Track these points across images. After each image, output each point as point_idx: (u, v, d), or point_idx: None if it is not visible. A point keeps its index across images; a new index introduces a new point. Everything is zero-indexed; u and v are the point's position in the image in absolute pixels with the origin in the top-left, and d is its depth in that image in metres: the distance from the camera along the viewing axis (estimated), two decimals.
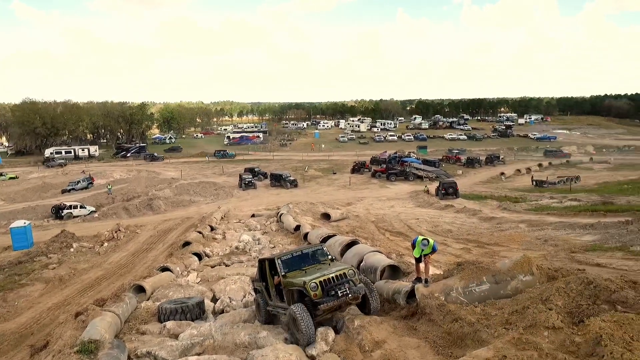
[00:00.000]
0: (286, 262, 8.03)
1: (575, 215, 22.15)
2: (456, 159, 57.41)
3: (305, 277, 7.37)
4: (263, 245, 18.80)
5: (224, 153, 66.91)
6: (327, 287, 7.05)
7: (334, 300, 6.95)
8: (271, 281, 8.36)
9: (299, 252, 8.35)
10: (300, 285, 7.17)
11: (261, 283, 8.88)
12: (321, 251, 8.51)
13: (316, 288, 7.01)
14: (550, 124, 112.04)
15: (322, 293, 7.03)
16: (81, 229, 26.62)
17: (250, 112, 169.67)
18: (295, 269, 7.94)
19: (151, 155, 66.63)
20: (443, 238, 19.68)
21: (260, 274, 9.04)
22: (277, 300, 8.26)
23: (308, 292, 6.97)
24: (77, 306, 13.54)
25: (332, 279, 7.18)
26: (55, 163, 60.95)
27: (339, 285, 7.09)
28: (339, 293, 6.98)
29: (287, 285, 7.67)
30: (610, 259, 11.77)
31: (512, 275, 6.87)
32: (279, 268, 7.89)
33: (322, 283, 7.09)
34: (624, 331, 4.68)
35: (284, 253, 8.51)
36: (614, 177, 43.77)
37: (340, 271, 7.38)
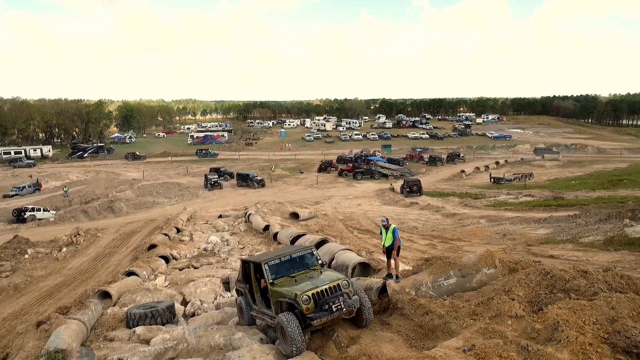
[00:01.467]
0: (274, 267, 7.49)
1: (530, 210, 23.48)
2: (419, 158, 59.11)
3: (295, 287, 6.91)
4: (232, 246, 18.63)
5: (206, 152, 65.26)
6: (320, 301, 6.60)
7: (327, 316, 6.51)
8: (256, 285, 7.85)
9: (287, 257, 7.76)
10: (291, 297, 6.70)
11: (244, 285, 8.38)
12: (310, 255, 7.99)
13: (308, 301, 6.55)
14: (506, 124, 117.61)
15: (315, 307, 6.57)
16: (36, 234, 25.24)
17: (213, 111, 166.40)
18: (283, 275, 7.42)
19: (133, 154, 63.37)
20: (409, 235, 20.28)
21: (243, 276, 8.50)
22: (262, 305, 7.74)
23: (300, 306, 6.52)
24: (37, 315, 12.89)
25: (325, 292, 6.72)
26: (23, 163, 57.11)
27: (333, 298, 6.61)
28: (333, 308, 6.52)
29: (275, 295, 7.15)
30: (562, 251, 12.63)
31: (477, 269, 7.29)
32: (266, 274, 7.38)
33: (314, 296, 6.64)
34: (577, 317, 5.12)
35: (271, 257, 7.82)
36: (563, 174, 46.66)
37: (334, 283, 6.92)
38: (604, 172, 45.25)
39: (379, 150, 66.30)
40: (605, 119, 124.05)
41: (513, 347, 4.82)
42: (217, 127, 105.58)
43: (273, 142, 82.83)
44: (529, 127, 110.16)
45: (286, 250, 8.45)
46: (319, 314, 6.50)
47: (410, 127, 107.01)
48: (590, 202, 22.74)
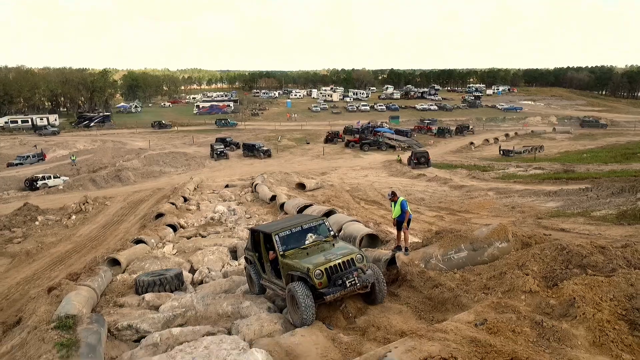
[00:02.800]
0: (284, 238, 7.24)
1: (539, 183, 23.15)
2: (427, 129, 58.23)
3: (307, 260, 6.66)
4: (239, 216, 18.69)
5: (225, 122, 64.96)
6: (334, 276, 6.38)
7: (340, 291, 6.28)
8: (266, 255, 7.70)
9: (298, 228, 7.43)
10: (303, 271, 6.49)
11: (254, 254, 8.22)
12: (323, 227, 7.65)
13: (321, 276, 6.34)
14: (516, 95, 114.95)
15: (328, 281, 6.36)
16: (45, 202, 25.50)
17: (219, 81, 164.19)
18: (294, 246, 7.19)
19: (159, 122, 63.51)
20: (416, 206, 20.16)
21: (252, 244, 8.33)
22: (272, 275, 7.58)
23: (312, 280, 6.31)
24: (48, 280, 13.15)
25: (338, 266, 6.49)
26: (48, 131, 57.85)
27: (347, 273, 6.37)
28: (346, 283, 6.27)
29: (286, 268, 6.95)
30: (573, 224, 12.45)
31: (489, 243, 7.15)
32: (277, 246, 7.15)
33: (327, 270, 6.42)
34: (594, 293, 4.99)
35: (281, 227, 7.52)
36: (575, 147, 45.82)
37: (348, 257, 6.65)
38: (617, 145, 44.34)
39: (387, 122, 65.37)
40: (621, 90, 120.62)
41: (527, 322, 4.72)
42: (223, 97, 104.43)
43: (279, 112, 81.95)
44: (540, 99, 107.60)
45: (297, 220, 8.10)
46: (332, 289, 6.28)
47: (418, 98, 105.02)
48: (602, 176, 22.31)
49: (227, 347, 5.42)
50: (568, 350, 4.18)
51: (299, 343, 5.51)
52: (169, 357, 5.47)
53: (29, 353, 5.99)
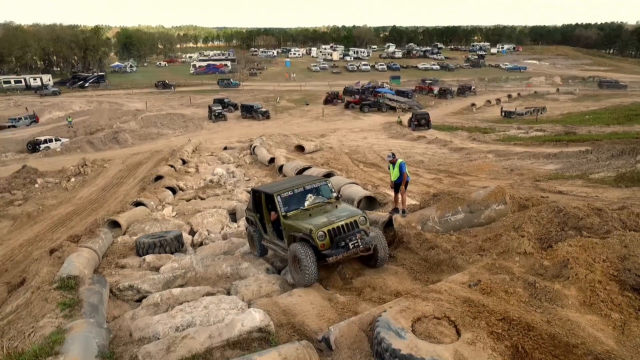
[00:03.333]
0: (286, 199, 7.13)
1: (540, 145, 22.98)
2: (429, 90, 57.16)
3: (310, 221, 6.60)
4: (238, 178, 18.70)
5: (227, 82, 63.85)
6: (336, 238, 6.34)
7: (343, 253, 6.22)
8: (267, 216, 7.57)
9: (300, 189, 7.32)
10: (306, 232, 6.42)
11: (255, 214, 8.13)
12: (325, 188, 7.55)
13: (324, 237, 6.29)
14: (521, 54, 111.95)
15: (330, 243, 6.32)
16: (44, 164, 25.41)
17: (216, 39, 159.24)
18: (296, 208, 7.12)
19: (163, 82, 62.52)
20: (415, 169, 20.11)
21: (254, 205, 8.21)
22: (274, 236, 7.56)
23: (314, 242, 6.26)
24: (50, 242, 13.32)
25: (341, 228, 6.44)
26: (48, 91, 56.77)
27: (350, 235, 6.33)
28: (349, 245, 6.23)
29: (288, 229, 6.90)
30: (571, 187, 12.46)
31: (486, 205, 7.16)
32: (279, 206, 7.05)
33: (330, 232, 6.36)
34: (587, 254, 5.03)
35: (283, 187, 7.40)
36: (578, 108, 45.14)
37: (351, 219, 6.58)
38: (620, 106, 43.67)
39: (387, 82, 64.03)
40: (629, 49, 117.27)
41: (520, 283, 4.80)
42: (220, 56, 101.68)
43: (278, 72, 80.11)
44: (545, 58, 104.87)
45: (299, 180, 7.92)
46: (335, 251, 6.23)
47: (420, 57, 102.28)
48: (603, 138, 22.10)
49: (225, 307, 5.56)
50: (559, 309, 4.27)
51: (296, 303, 5.64)
52: (169, 316, 5.61)
53: (34, 312, 6.15)
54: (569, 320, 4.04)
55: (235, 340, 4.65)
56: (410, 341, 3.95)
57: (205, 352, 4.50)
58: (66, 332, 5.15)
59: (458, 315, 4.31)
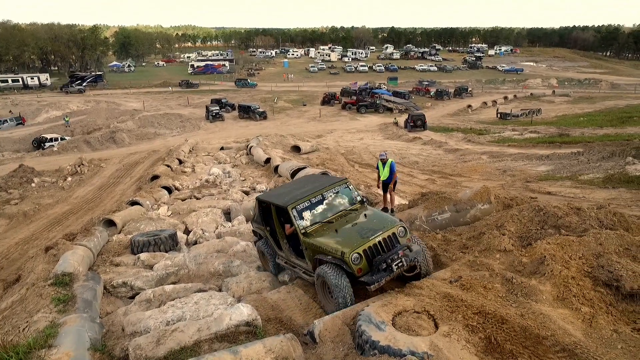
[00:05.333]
0: (304, 212, 5.89)
1: (533, 147, 23.23)
2: (426, 91, 57.45)
3: (338, 240, 5.33)
4: (233, 178, 18.86)
5: (244, 82, 64.52)
6: (376, 259, 5.10)
7: (386, 277, 4.95)
8: (280, 230, 6.37)
9: (318, 197, 6.03)
10: (337, 255, 5.18)
11: (264, 227, 6.90)
12: (346, 191, 6.26)
13: (360, 260, 5.09)
14: (519, 56, 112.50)
15: (368, 266, 5.13)
16: (40, 163, 25.50)
17: (214, 39, 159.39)
18: (317, 220, 5.87)
19: (187, 82, 62.83)
20: (409, 169, 20.33)
21: (261, 216, 6.96)
22: (291, 254, 6.29)
23: (349, 267, 5.06)
24: (46, 241, 13.44)
25: (379, 246, 5.21)
26: (73, 89, 57.95)
27: (392, 255, 5.08)
28: (393, 267, 4.99)
29: (312, 250, 5.61)
30: (560, 188, 12.67)
31: (471, 204, 7.35)
32: (296, 223, 5.82)
33: (366, 252, 5.15)
34: (564, 252, 5.23)
35: (297, 197, 6.05)
36: (572, 110, 45.47)
37: (388, 231, 5.35)
38: (615, 108, 44.02)
39: (385, 83, 64.32)
40: (626, 51, 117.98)
41: (498, 279, 4.98)
42: (218, 56, 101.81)
43: (276, 72, 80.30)
44: (542, 60, 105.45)
45: (312, 184, 6.55)
46: (377, 276, 4.96)
47: (418, 58, 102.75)
48: (596, 140, 22.36)
49: (215, 302, 5.72)
50: (533, 304, 4.46)
51: (284, 299, 5.81)
52: (160, 311, 5.77)
53: (28, 308, 6.30)
54: (541, 314, 4.22)
55: (223, 333, 4.81)
56: (389, 333, 4.12)
57: (194, 344, 4.67)
58: (59, 326, 5.30)
59: (437, 309, 4.49)
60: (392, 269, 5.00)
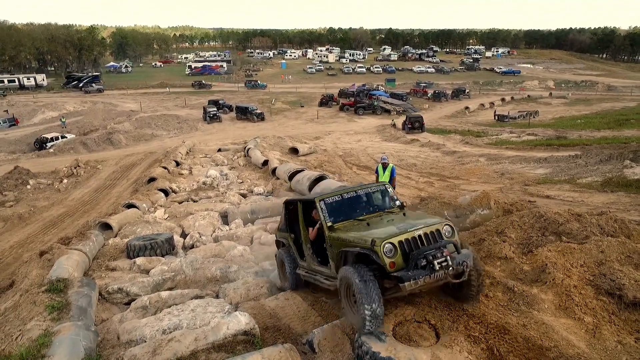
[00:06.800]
0: (333, 206, 5.23)
1: (531, 150, 23.25)
2: (423, 93, 57.54)
3: (370, 232, 4.56)
4: (231, 181, 18.76)
5: (255, 83, 64.80)
6: (413, 253, 4.19)
7: (425, 276, 4.04)
8: (305, 233, 5.70)
9: (351, 193, 5.45)
10: (366, 245, 4.31)
11: (288, 234, 6.30)
12: (384, 194, 5.57)
13: (393, 253, 4.18)
14: (516, 58, 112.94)
15: (404, 262, 4.20)
16: (36, 165, 25.34)
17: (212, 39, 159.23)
18: (346, 217, 5.17)
19: (199, 83, 63.22)
20: (408, 172, 20.30)
21: (287, 222, 6.35)
22: (314, 261, 5.63)
23: (380, 259, 4.13)
24: (41, 244, 13.29)
25: (419, 240, 4.31)
26: (93, 88, 58.53)
27: (434, 250, 4.17)
28: (435, 264, 4.06)
29: (337, 244, 4.85)
30: (558, 191, 12.65)
31: (471, 210, 7.30)
32: (322, 215, 5.13)
33: (403, 245, 4.23)
34: (565, 259, 5.17)
35: (328, 192, 5.63)
36: (569, 112, 45.65)
37: (432, 227, 4.45)
38: (611, 111, 44.21)
39: (382, 85, 64.39)
40: (621, 54, 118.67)
41: (499, 288, 4.92)
42: (216, 57, 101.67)
43: (273, 73, 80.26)
44: (539, 62, 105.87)
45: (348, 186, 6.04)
46: (414, 273, 4.06)
47: (416, 60, 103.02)
48: (593, 142, 22.40)
49: (212, 310, 5.63)
50: (535, 313, 4.39)
51: (282, 306, 5.72)
52: (157, 319, 5.67)
53: (22, 315, 6.19)
54: (544, 324, 4.16)
55: (221, 343, 4.72)
56: (389, 344, 4.05)
57: (191, 354, 4.58)
58: (53, 335, 5.20)
59: (438, 318, 4.42)
60: (433, 267, 4.06)
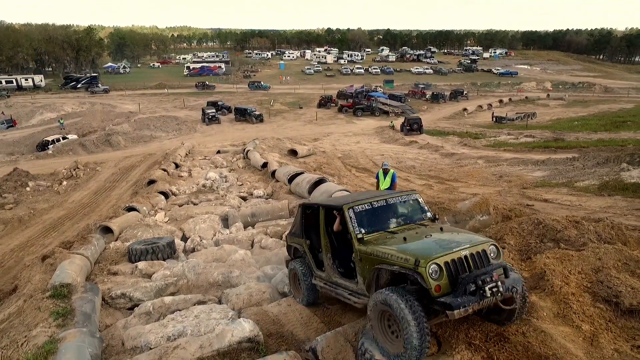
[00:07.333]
0: (363, 216, 4.80)
1: (529, 152, 23.39)
2: (421, 94, 57.71)
3: (409, 248, 4.15)
4: (230, 183, 18.83)
5: (258, 84, 64.54)
6: (462, 277, 3.87)
7: (474, 303, 3.75)
8: (326, 242, 5.27)
9: (382, 201, 5.01)
10: (407, 264, 3.95)
11: (304, 240, 5.78)
12: (416, 202, 5.21)
13: (439, 274, 3.86)
14: (513, 59, 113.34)
15: (450, 285, 3.89)
16: (35, 167, 25.34)
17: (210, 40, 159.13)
18: (377, 228, 4.77)
19: (203, 84, 63.61)
20: (406, 174, 20.40)
21: (302, 227, 5.84)
22: (334, 273, 5.16)
23: (426, 281, 3.81)
24: (42, 247, 13.35)
25: (465, 261, 4.00)
26: (99, 89, 58.78)
27: (484, 275, 3.87)
28: (486, 290, 3.77)
29: (370, 259, 4.43)
30: (556, 195, 12.76)
31: (470, 215, 7.39)
32: (352, 225, 4.70)
33: (448, 266, 3.92)
34: (564, 266, 5.27)
35: (356, 199, 5.12)
36: (567, 114, 45.87)
37: (477, 247, 4.14)
38: (608, 112, 44.46)
39: (381, 86, 64.54)
40: (618, 55, 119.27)
41: None
42: (214, 57, 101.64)
43: (272, 74, 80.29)
44: (537, 63, 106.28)
45: (374, 193, 5.71)
46: (463, 299, 3.73)
47: (414, 60, 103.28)
48: (590, 145, 22.57)
49: (216, 317, 5.70)
50: (534, 321, 4.48)
51: (285, 312, 5.80)
52: (161, 325, 5.74)
53: (26, 321, 6.24)
54: (542, 332, 4.25)
55: (226, 350, 4.80)
56: None
57: None
58: (59, 342, 5.26)
59: (439, 327, 4.50)
60: (484, 294, 3.76)
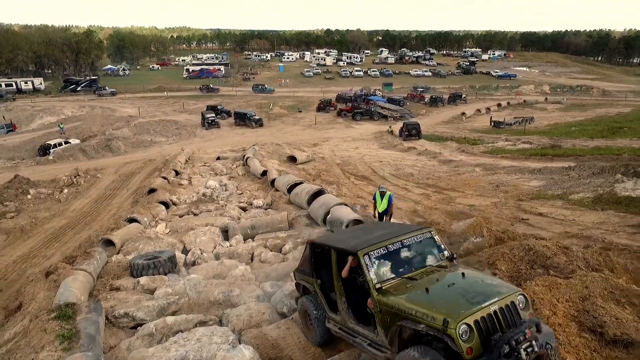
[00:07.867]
0: (379, 261, 4.57)
1: (525, 160, 23.64)
2: (420, 97, 57.94)
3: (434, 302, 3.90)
4: (230, 192, 19.01)
5: (262, 88, 64.16)
6: (495, 338, 3.63)
7: None
8: (339, 284, 4.98)
9: (397, 243, 4.73)
10: (435, 324, 3.71)
11: (314, 280, 5.53)
12: (430, 241, 4.96)
13: (469, 335, 3.63)
14: (512, 61, 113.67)
15: (481, 346, 3.64)
16: (36, 173, 25.50)
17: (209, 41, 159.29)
18: (394, 275, 4.58)
19: (207, 87, 63.64)
20: (404, 182, 20.63)
21: (312, 266, 5.60)
22: (350, 318, 4.90)
23: (457, 344, 3.57)
24: (44, 259, 13.54)
25: (495, 317, 3.78)
26: (106, 92, 59.04)
27: (518, 334, 3.64)
28: (521, 352, 3.56)
29: (391, 313, 4.16)
30: (551, 208, 12.99)
31: (464, 237, 7.60)
32: (368, 274, 4.46)
33: (478, 324, 3.69)
34: (552, 294, 5.47)
35: (370, 241, 4.76)
36: (564, 118, 46.14)
37: (506, 299, 3.92)
38: (605, 117, 44.73)
39: (380, 89, 64.75)
40: (616, 57, 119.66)
41: None
42: (214, 59, 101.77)
43: (271, 76, 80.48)
44: (535, 64, 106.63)
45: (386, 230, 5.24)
46: None
47: (413, 62, 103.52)
48: (586, 153, 22.83)
49: (217, 341, 5.90)
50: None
51: (284, 336, 6.00)
52: (164, 348, 5.94)
53: (32, 343, 6.43)
54: None
55: None
56: None
57: None
58: None
59: None
60: (519, 355, 3.52)
